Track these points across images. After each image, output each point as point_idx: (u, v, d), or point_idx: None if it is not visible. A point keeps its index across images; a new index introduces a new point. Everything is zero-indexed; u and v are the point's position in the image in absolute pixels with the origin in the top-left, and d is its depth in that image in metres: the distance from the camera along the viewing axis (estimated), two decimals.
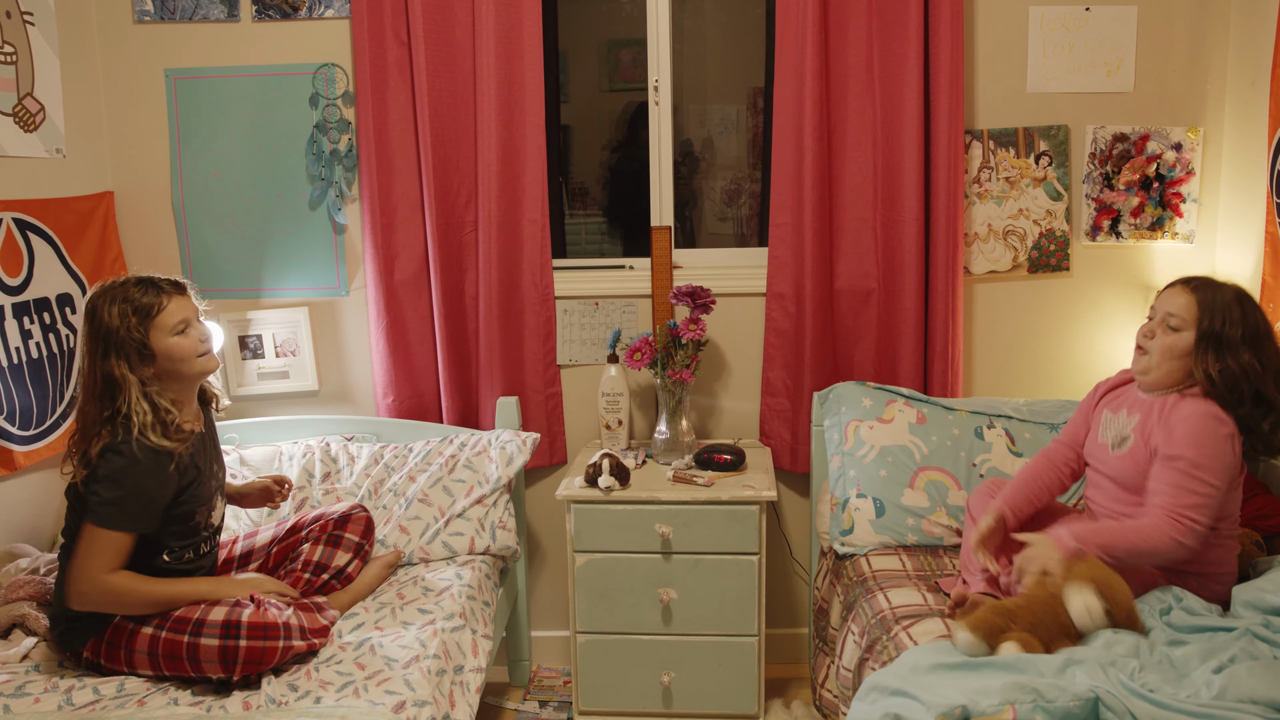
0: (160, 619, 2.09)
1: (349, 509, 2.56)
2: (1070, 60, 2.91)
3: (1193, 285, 2.14)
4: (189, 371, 2.18)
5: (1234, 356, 2.05)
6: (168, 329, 2.14)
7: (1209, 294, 2.10)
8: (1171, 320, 2.11)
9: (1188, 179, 2.93)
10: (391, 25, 2.90)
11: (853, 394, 2.80)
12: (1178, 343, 2.10)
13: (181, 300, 2.19)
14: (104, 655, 2.11)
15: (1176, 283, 2.17)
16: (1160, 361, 2.12)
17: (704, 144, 3.72)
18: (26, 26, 2.65)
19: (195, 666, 2.05)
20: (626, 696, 2.81)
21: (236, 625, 2.04)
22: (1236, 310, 2.07)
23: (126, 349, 2.10)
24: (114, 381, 2.09)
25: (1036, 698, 1.67)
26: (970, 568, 2.30)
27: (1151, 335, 2.15)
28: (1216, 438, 2.03)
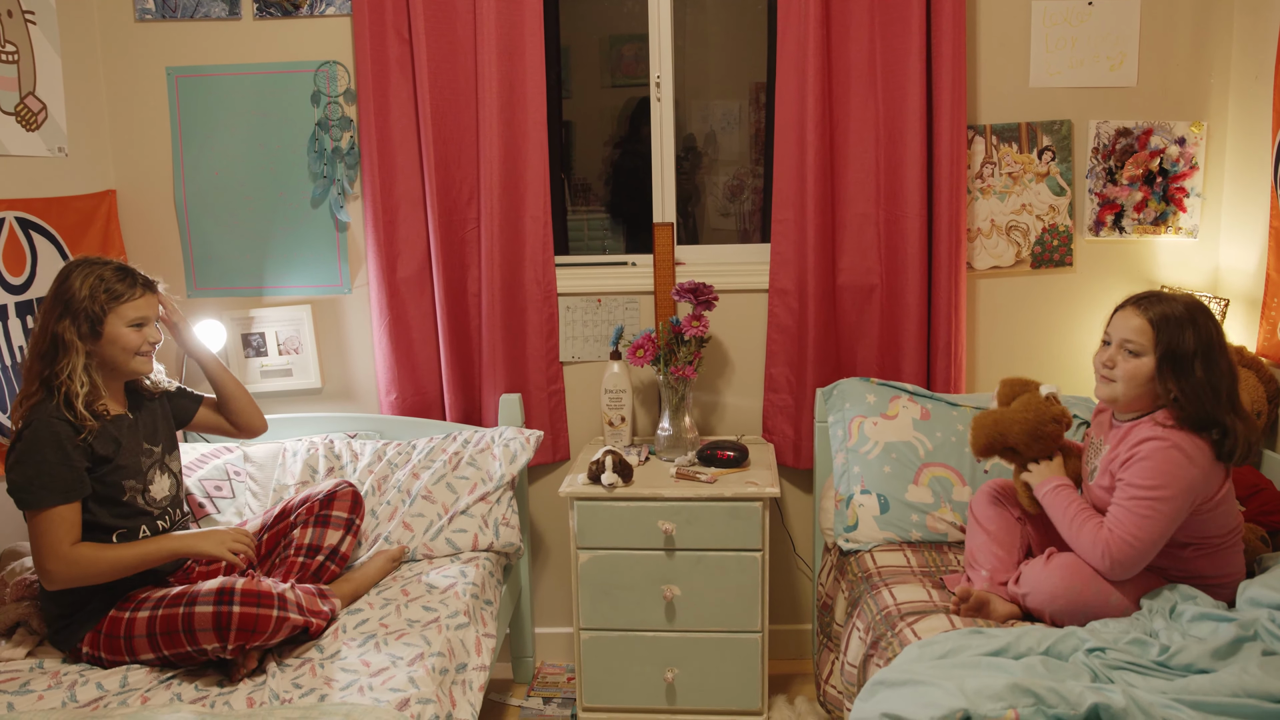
0: (157, 600, 2.10)
1: (334, 486, 2.56)
2: (1073, 54, 2.90)
3: (1144, 306, 2.10)
4: (124, 364, 2.24)
5: (1188, 375, 2.03)
6: (126, 318, 2.21)
7: (1161, 312, 2.06)
8: (1130, 345, 2.09)
9: (1191, 174, 2.93)
10: (393, 22, 2.89)
11: (856, 390, 2.80)
12: (1140, 369, 2.07)
13: (149, 298, 2.27)
14: (103, 648, 2.12)
15: (1127, 304, 2.14)
16: (1126, 388, 2.10)
17: (706, 140, 3.72)
18: (28, 25, 2.65)
19: (191, 638, 2.05)
20: (630, 693, 2.81)
21: (230, 592, 2.05)
22: (1189, 327, 2.04)
23: (81, 320, 2.16)
24: (61, 343, 2.15)
25: (1037, 702, 1.67)
26: (974, 565, 2.30)
27: (1113, 364, 2.12)
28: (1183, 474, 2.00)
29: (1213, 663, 1.82)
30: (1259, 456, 2.62)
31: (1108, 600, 2.05)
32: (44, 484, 2.09)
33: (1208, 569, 2.11)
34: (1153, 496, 1.99)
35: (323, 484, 2.59)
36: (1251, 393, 2.54)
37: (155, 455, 2.33)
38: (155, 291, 2.29)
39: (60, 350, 2.15)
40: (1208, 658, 1.83)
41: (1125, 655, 1.85)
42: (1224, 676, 1.74)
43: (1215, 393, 2.02)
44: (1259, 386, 2.56)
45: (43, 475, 2.09)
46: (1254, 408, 2.54)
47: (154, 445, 2.34)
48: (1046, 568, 2.10)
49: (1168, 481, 1.99)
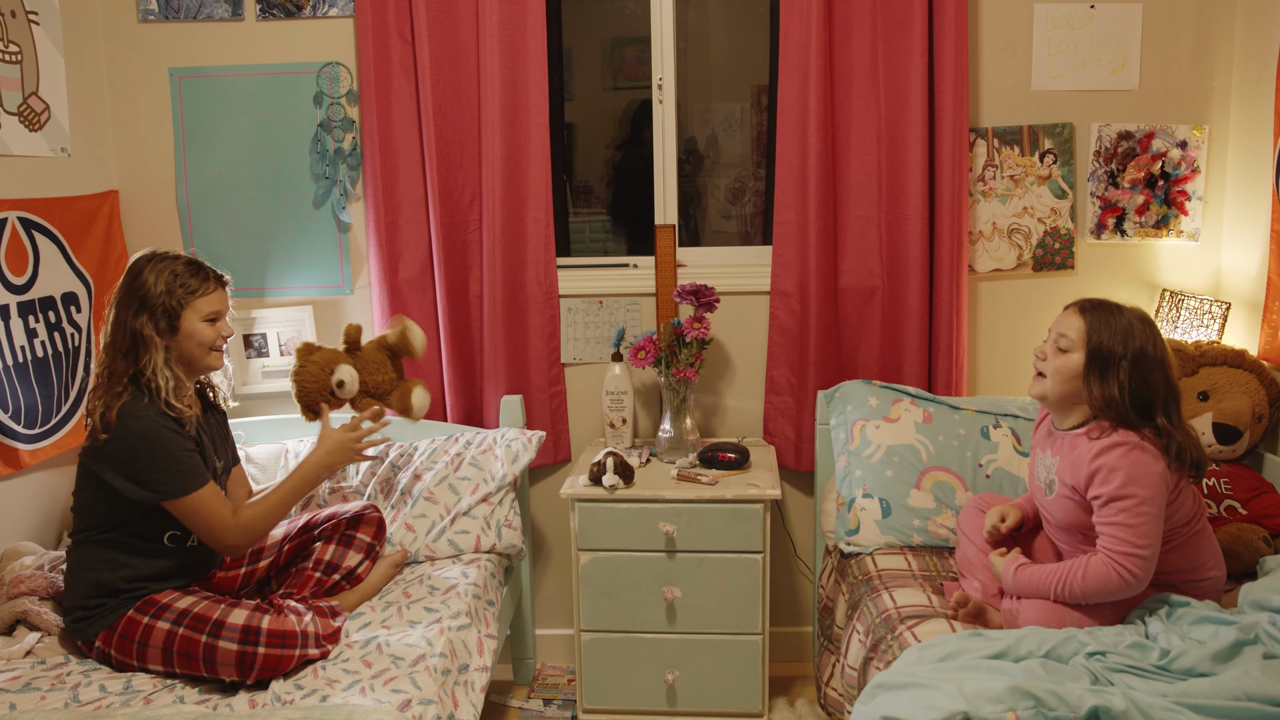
0: (178, 614, 2.10)
1: (362, 509, 2.56)
2: (1075, 58, 2.91)
3: (1084, 307, 2.14)
4: (200, 359, 2.25)
5: (1116, 378, 2.05)
6: (202, 312, 2.23)
7: (1100, 317, 2.10)
8: (1061, 342, 2.13)
9: (1193, 177, 2.93)
10: (395, 24, 2.90)
11: (859, 393, 2.80)
12: (1066, 364, 2.11)
13: (221, 293, 2.30)
14: (115, 647, 2.11)
15: (1072, 305, 2.18)
16: (1054, 384, 2.14)
17: (708, 142, 3.72)
18: (31, 26, 2.65)
19: (210, 668, 2.05)
20: (631, 695, 2.81)
21: (256, 631, 2.05)
22: (1124, 334, 2.07)
23: (158, 315, 2.18)
24: (141, 340, 2.16)
25: (1037, 705, 1.67)
26: (968, 573, 2.31)
27: (1044, 357, 2.17)
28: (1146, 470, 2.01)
29: (1213, 666, 1.82)
30: (1259, 460, 2.62)
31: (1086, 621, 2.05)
32: (183, 471, 2.14)
33: (1182, 561, 2.11)
34: (1136, 501, 1.99)
35: (350, 504, 2.60)
36: (1253, 396, 2.55)
37: (217, 468, 2.36)
38: (225, 288, 2.31)
39: (141, 346, 2.16)
40: (1208, 661, 1.83)
41: (1126, 659, 1.86)
42: (1225, 680, 1.74)
43: (1142, 402, 2.05)
44: (1260, 390, 2.56)
45: (178, 463, 2.13)
46: (1256, 411, 2.54)
47: (218, 459, 2.36)
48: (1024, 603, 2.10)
49: (1143, 482, 2.00)
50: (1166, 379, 2.08)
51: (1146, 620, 2.01)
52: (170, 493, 2.12)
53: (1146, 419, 2.05)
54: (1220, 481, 2.52)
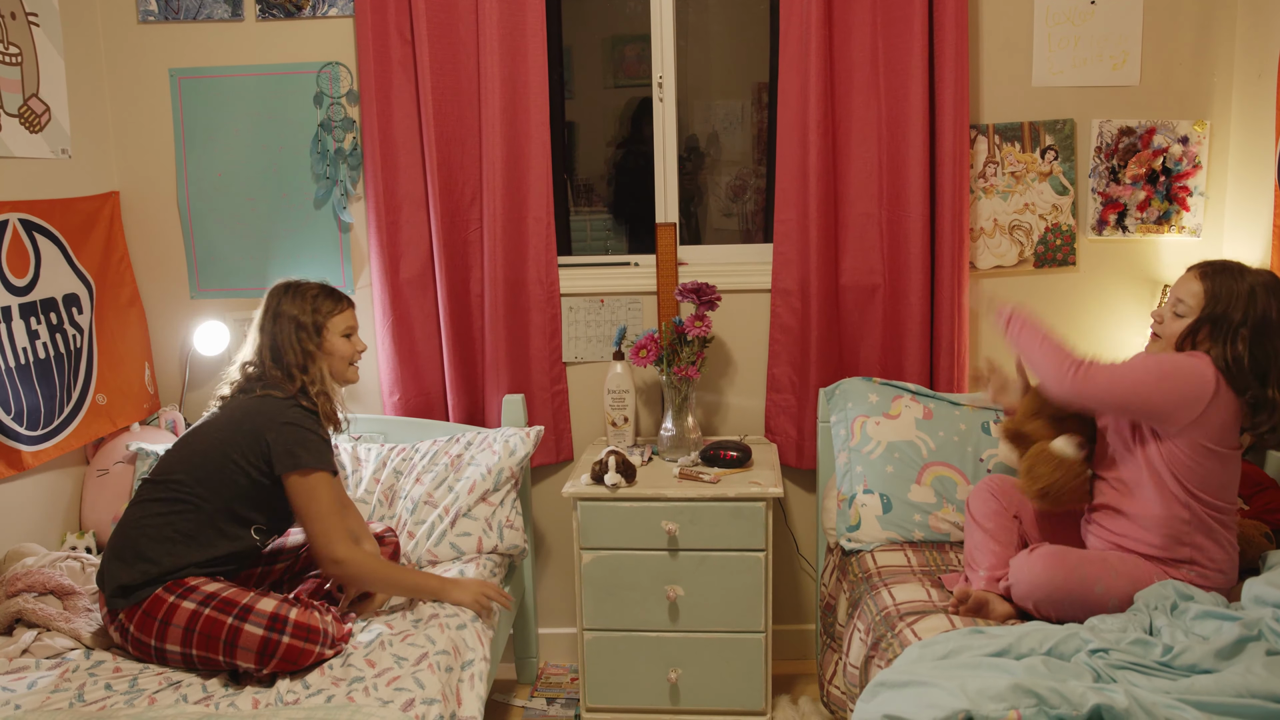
0: (206, 596, 2.10)
1: (381, 532, 2.59)
2: (1076, 54, 2.90)
3: (1205, 272, 2.09)
4: (341, 373, 2.39)
5: (1231, 345, 2.01)
6: (339, 329, 2.38)
7: (1220, 282, 2.05)
8: (1179, 307, 2.10)
9: (1194, 172, 2.92)
10: (395, 23, 2.90)
11: (859, 390, 2.80)
12: (1179, 328, 2.09)
13: (351, 312, 2.44)
14: (137, 623, 2.11)
15: (1193, 268, 2.13)
16: (1165, 349, 2.12)
17: (709, 140, 3.72)
18: (31, 27, 2.66)
19: (230, 651, 2.05)
20: (633, 693, 2.81)
21: (284, 621, 2.07)
22: (1247, 298, 2.02)
23: (309, 332, 2.32)
24: (309, 356, 2.30)
25: (1039, 703, 1.67)
26: (973, 565, 2.31)
27: (1160, 320, 2.14)
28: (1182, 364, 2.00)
29: (1216, 663, 1.82)
30: (1262, 455, 2.61)
31: (1092, 589, 2.05)
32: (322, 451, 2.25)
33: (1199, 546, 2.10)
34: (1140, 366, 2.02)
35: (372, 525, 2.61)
36: None
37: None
38: (353, 307, 2.45)
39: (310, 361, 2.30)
40: (1211, 658, 1.82)
41: (1128, 656, 1.85)
42: (1228, 677, 1.74)
43: (1258, 368, 2.00)
44: None
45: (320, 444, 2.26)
46: None
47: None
48: (1030, 558, 2.11)
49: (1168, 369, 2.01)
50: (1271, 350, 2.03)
51: (1152, 614, 2.01)
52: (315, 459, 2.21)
53: (1259, 385, 2.01)
54: None
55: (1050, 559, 2.08)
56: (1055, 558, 2.09)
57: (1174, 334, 2.10)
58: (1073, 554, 2.11)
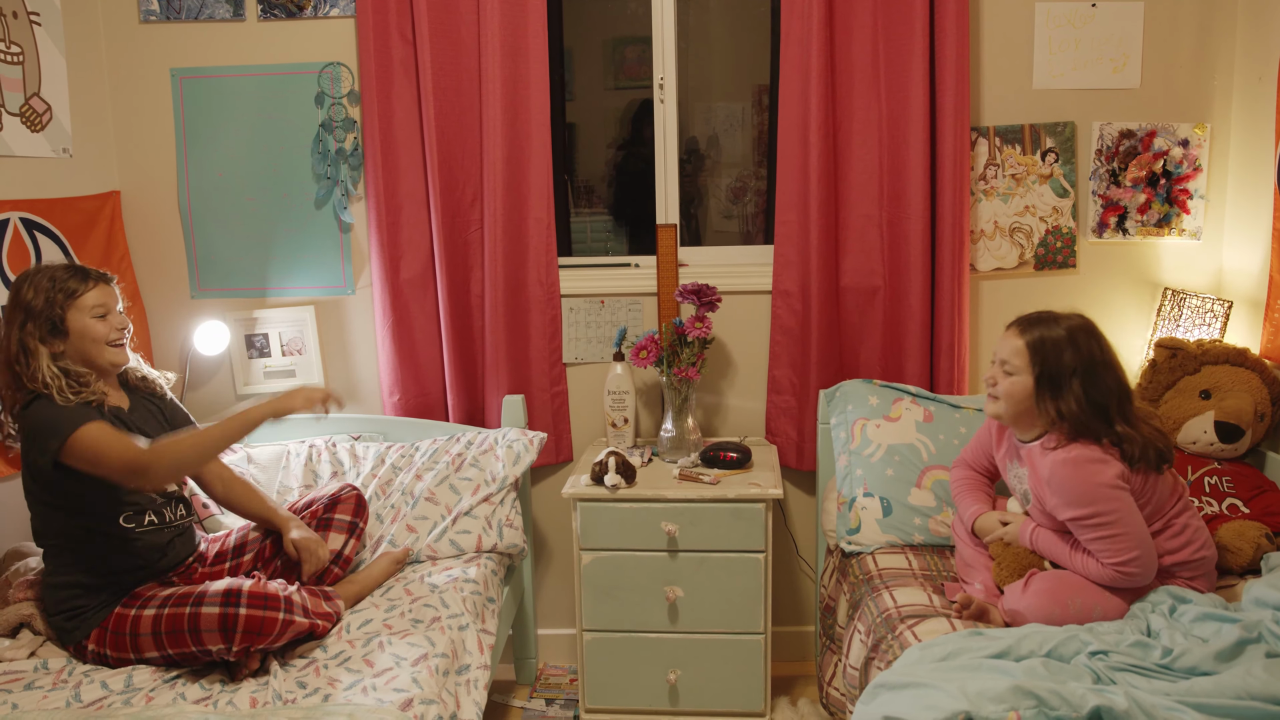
0: (163, 598, 2.11)
1: (338, 490, 2.57)
2: (1076, 56, 2.90)
3: (1023, 327, 2.17)
4: (98, 355, 2.25)
5: (1070, 393, 2.09)
6: (86, 309, 2.22)
7: (1039, 334, 2.13)
8: (1007, 366, 2.17)
9: (1195, 175, 2.93)
10: (397, 24, 2.90)
11: (859, 392, 2.80)
12: (1015, 387, 2.16)
13: (105, 289, 2.27)
14: (109, 645, 2.12)
15: (1011, 325, 2.21)
16: (1007, 406, 2.18)
17: (709, 142, 3.72)
18: (33, 27, 2.66)
19: (196, 638, 2.05)
20: (633, 694, 2.81)
21: (237, 594, 2.06)
22: (1068, 347, 2.10)
23: (41, 322, 2.19)
24: (24, 349, 2.17)
25: (1039, 704, 1.67)
26: (968, 576, 2.33)
27: (994, 382, 2.21)
28: (1095, 482, 2.05)
29: (1216, 665, 1.82)
30: (1261, 458, 2.61)
31: (1090, 614, 2.06)
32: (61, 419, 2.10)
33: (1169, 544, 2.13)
34: (1100, 516, 2.04)
35: (326, 487, 2.60)
36: (1255, 394, 2.54)
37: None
38: (109, 283, 2.30)
39: (28, 356, 2.17)
40: (1211, 660, 1.82)
41: (1128, 658, 1.85)
42: (1227, 679, 1.74)
43: (1098, 408, 2.08)
44: (1263, 389, 2.56)
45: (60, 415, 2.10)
46: (1258, 409, 2.54)
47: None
48: (1025, 594, 2.11)
49: (1095, 496, 2.05)
50: (1118, 380, 2.12)
51: (1150, 617, 2.01)
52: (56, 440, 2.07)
53: (1106, 425, 2.09)
54: (1222, 480, 2.51)
55: (1045, 594, 2.09)
56: (1049, 592, 2.09)
57: (1010, 393, 2.16)
58: (1065, 584, 2.10)
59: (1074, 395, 2.08)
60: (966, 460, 2.50)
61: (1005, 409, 2.19)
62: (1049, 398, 2.11)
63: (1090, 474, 2.05)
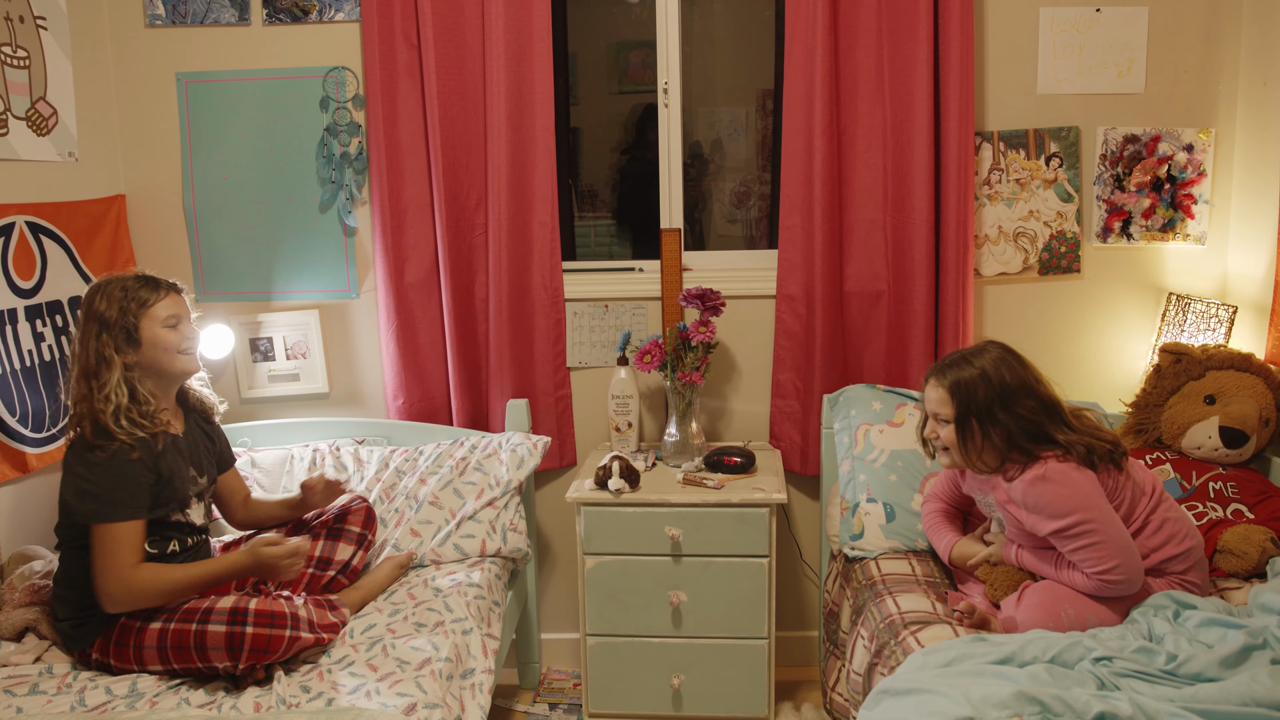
0: (169, 611, 2.10)
1: (348, 501, 2.57)
2: (1081, 61, 2.90)
3: (939, 374, 2.22)
4: (170, 365, 2.25)
5: (994, 424, 2.14)
6: (159, 319, 2.23)
7: (953, 377, 2.18)
8: (940, 416, 2.22)
9: (1199, 180, 2.92)
10: (401, 28, 2.90)
11: (863, 397, 2.80)
12: (954, 433, 2.19)
13: (176, 298, 2.29)
14: (113, 655, 2.12)
15: (930, 375, 2.25)
16: (958, 454, 2.21)
17: (713, 146, 3.72)
18: (40, 31, 2.67)
19: (202, 655, 2.05)
20: (636, 699, 2.81)
21: (244, 612, 2.05)
22: (981, 384, 2.15)
23: (116, 331, 2.19)
24: (102, 360, 2.17)
25: (1043, 710, 1.67)
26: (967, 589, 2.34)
27: (936, 435, 2.24)
28: (1070, 491, 2.07)
29: (1221, 671, 1.81)
30: (1266, 463, 2.61)
31: (1085, 623, 2.06)
32: (116, 498, 2.10)
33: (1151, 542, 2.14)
34: (1081, 524, 2.05)
35: (340, 499, 2.60)
36: (1260, 400, 2.54)
37: (200, 485, 2.35)
38: (180, 293, 2.32)
39: (102, 366, 2.17)
40: (1216, 666, 1.82)
41: (1132, 664, 1.85)
42: (1232, 685, 1.73)
43: (1028, 428, 2.13)
44: (1268, 394, 2.56)
45: (114, 489, 2.10)
46: (1263, 415, 2.53)
47: (200, 475, 2.36)
48: (1020, 608, 2.11)
49: (1075, 504, 2.06)
50: (1039, 397, 2.17)
51: (1152, 621, 2.00)
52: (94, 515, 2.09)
53: (1046, 442, 2.13)
54: (1227, 485, 2.51)
55: (1038, 607, 2.09)
56: (1042, 605, 2.09)
57: (952, 438, 2.19)
58: (1058, 596, 2.10)
59: (1001, 423, 2.13)
60: (937, 493, 2.51)
61: (957, 458, 2.22)
62: (979, 434, 2.16)
63: (1063, 484, 2.08)
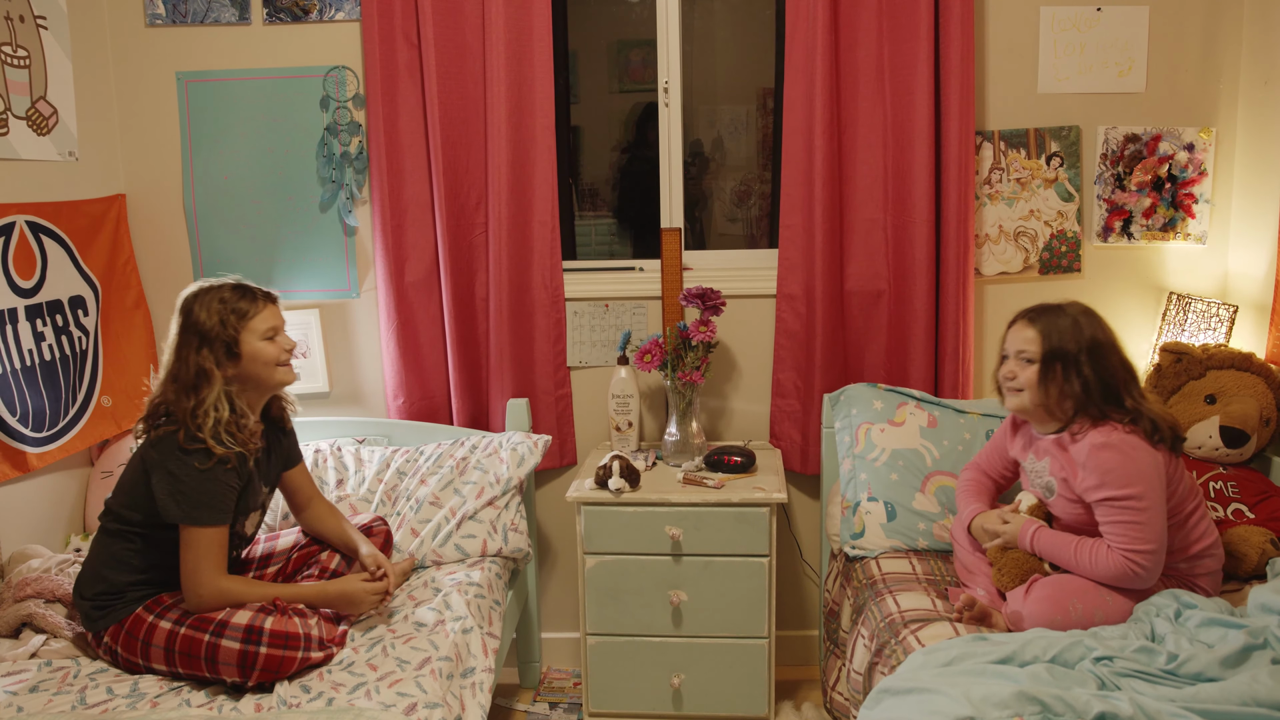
0: (182, 615, 2.10)
1: (370, 521, 2.57)
2: (1081, 60, 2.90)
3: (1031, 317, 2.23)
4: (269, 377, 2.25)
5: (1078, 373, 2.14)
6: (259, 332, 2.22)
7: (1049, 321, 2.19)
8: (1025, 354, 2.20)
9: (1200, 179, 2.92)
10: (402, 27, 2.90)
11: (864, 396, 2.80)
12: (1036, 375, 2.18)
13: (273, 309, 2.28)
14: (122, 644, 2.12)
15: (1019, 318, 2.26)
16: (1031, 396, 2.20)
17: (714, 145, 3.72)
18: (40, 30, 2.66)
19: (212, 667, 2.05)
20: (637, 698, 2.81)
21: (259, 631, 2.05)
22: (1073, 330, 2.16)
23: (216, 345, 2.18)
24: (203, 374, 2.16)
25: (1044, 710, 1.67)
26: (970, 581, 2.33)
27: (1013, 375, 2.23)
28: (1139, 465, 2.07)
29: (1221, 671, 1.81)
30: (1267, 463, 2.61)
31: (1091, 619, 2.06)
32: (212, 505, 2.11)
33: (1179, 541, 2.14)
34: (1135, 499, 2.04)
35: (359, 516, 2.61)
36: (1261, 399, 2.54)
37: (263, 495, 2.36)
38: (276, 303, 2.30)
39: (203, 380, 2.16)
40: (1217, 666, 1.82)
41: (1133, 663, 1.85)
42: (1233, 685, 1.73)
43: (1108, 386, 2.13)
44: (1268, 393, 2.55)
45: (210, 496, 2.11)
46: (1263, 414, 2.53)
47: (267, 486, 2.37)
48: (1027, 601, 2.11)
49: (1136, 478, 2.05)
50: (1123, 360, 2.18)
51: (1154, 621, 2.01)
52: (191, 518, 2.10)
53: (1116, 404, 2.13)
54: (1227, 485, 2.51)
55: (1047, 600, 2.08)
56: (1050, 599, 2.08)
57: (1031, 380, 2.19)
58: (1067, 590, 2.10)
59: (1084, 375, 2.13)
60: (979, 464, 2.50)
61: (1030, 398, 2.20)
62: (1057, 380, 2.15)
63: (1130, 456, 2.07)
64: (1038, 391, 2.18)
